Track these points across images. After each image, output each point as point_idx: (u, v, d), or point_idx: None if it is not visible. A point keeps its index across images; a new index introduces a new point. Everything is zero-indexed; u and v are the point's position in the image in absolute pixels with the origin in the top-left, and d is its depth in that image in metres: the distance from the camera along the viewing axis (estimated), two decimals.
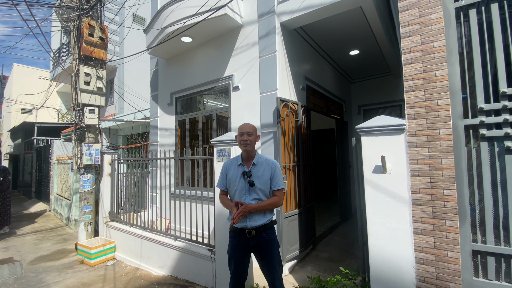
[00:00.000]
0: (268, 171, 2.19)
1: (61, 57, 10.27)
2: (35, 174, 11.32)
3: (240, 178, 2.18)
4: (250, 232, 2.13)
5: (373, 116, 2.52)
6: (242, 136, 2.20)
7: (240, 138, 2.21)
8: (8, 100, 16.09)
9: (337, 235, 5.22)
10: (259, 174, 2.17)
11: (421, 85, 2.21)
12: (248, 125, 2.24)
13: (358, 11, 3.85)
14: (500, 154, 1.97)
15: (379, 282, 2.29)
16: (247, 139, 2.18)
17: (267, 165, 2.21)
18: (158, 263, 3.87)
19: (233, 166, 2.26)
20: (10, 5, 4.60)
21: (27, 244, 5.44)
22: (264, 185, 2.17)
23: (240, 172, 2.20)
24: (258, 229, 2.14)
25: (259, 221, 2.15)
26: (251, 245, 2.17)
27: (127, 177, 4.99)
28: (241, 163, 2.23)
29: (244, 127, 2.23)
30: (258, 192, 2.16)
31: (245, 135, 2.19)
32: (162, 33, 4.62)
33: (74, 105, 5.02)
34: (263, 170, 2.19)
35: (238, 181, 2.19)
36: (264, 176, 2.17)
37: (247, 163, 2.23)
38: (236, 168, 2.24)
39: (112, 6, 9.67)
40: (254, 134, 2.22)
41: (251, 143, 2.20)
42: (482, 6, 2.08)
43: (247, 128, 2.21)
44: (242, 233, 2.16)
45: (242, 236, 2.17)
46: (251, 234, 2.14)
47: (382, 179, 2.31)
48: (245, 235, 2.15)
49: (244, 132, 2.20)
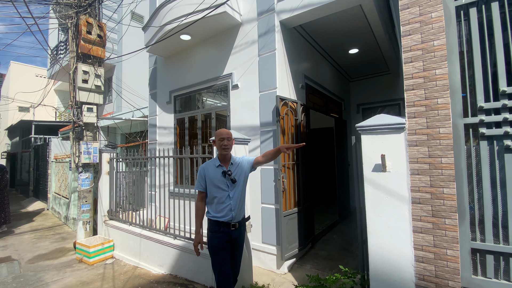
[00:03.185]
0: (245, 162, 2.50)
1: (58, 55, 10.20)
2: (33, 172, 11.26)
3: (221, 177, 2.37)
4: (234, 225, 2.35)
5: (372, 115, 2.52)
6: (222, 141, 2.40)
7: (221, 143, 2.40)
8: (5, 98, 15.98)
9: (336, 234, 5.23)
10: (238, 170, 2.44)
11: (421, 83, 2.20)
12: (225, 130, 2.47)
13: (357, 10, 3.84)
14: (499, 152, 1.97)
15: (379, 280, 2.29)
16: (227, 144, 2.40)
17: (241, 161, 2.51)
18: (157, 262, 3.87)
19: (211, 168, 2.42)
20: (8, 2, 4.55)
21: (25, 243, 5.42)
22: (244, 178, 2.47)
23: (220, 172, 2.38)
24: (240, 222, 2.41)
25: (241, 214, 2.46)
26: (233, 237, 2.37)
27: (126, 175, 4.97)
28: (220, 164, 2.41)
29: (222, 132, 2.43)
30: (238, 187, 2.41)
31: (225, 140, 2.40)
32: (160, 31, 4.59)
33: (72, 103, 4.98)
34: (239, 165, 2.47)
35: (219, 180, 2.37)
36: (243, 169, 2.47)
37: (224, 163, 2.44)
38: (215, 169, 2.40)
39: (110, 3, 9.58)
40: (231, 139, 2.46)
41: (230, 147, 2.44)
42: (483, 5, 2.07)
43: (226, 133, 2.42)
44: (227, 226, 2.34)
45: (227, 229, 2.34)
46: (235, 227, 2.36)
47: (381, 178, 2.31)
48: (229, 227, 2.33)
49: (224, 137, 2.40)
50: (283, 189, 3.67)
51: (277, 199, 3.74)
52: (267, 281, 3.39)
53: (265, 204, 3.88)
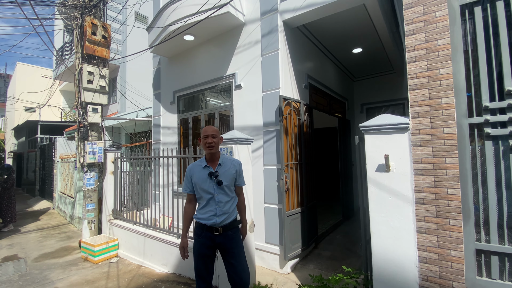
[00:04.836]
0: (234, 169, 2.31)
1: (64, 55, 10.31)
2: (38, 172, 11.40)
3: (207, 179, 2.21)
4: (217, 230, 2.19)
5: (376, 115, 2.51)
6: (206, 138, 2.22)
7: (205, 141, 2.23)
8: (11, 98, 16.19)
9: (339, 234, 5.21)
10: (225, 173, 2.25)
11: (425, 83, 2.19)
12: (211, 127, 2.28)
13: (361, 9, 3.82)
14: (504, 152, 1.95)
15: (382, 281, 2.28)
16: (212, 141, 2.21)
17: (232, 164, 2.33)
18: (161, 261, 3.90)
19: (197, 169, 2.28)
20: (14, 4, 4.62)
21: (31, 241, 5.49)
22: (230, 182, 2.28)
23: (206, 173, 2.22)
24: (225, 227, 2.22)
25: (229, 219, 2.26)
26: (217, 242, 2.22)
27: (130, 175, 5.01)
28: (206, 165, 2.26)
29: (207, 130, 2.25)
30: (225, 189, 2.24)
31: (210, 137, 2.22)
32: (164, 32, 4.62)
33: (77, 103, 5.04)
34: (228, 168, 2.29)
35: (205, 182, 2.22)
36: (230, 173, 2.28)
37: (212, 164, 2.28)
38: (201, 171, 2.25)
39: (114, 4, 9.67)
40: (217, 136, 2.27)
41: (216, 145, 2.25)
42: (488, 4, 2.05)
43: (211, 130, 2.24)
44: (209, 230, 2.21)
45: (209, 233, 2.21)
46: (218, 232, 2.20)
47: (385, 178, 2.30)
48: (212, 232, 2.20)
49: (209, 135, 2.22)
50: (286, 189, 3.67)
51: (280, 199, 3.74)
52: (270, 281, 3.39)
53: (268, 204, 3.88)
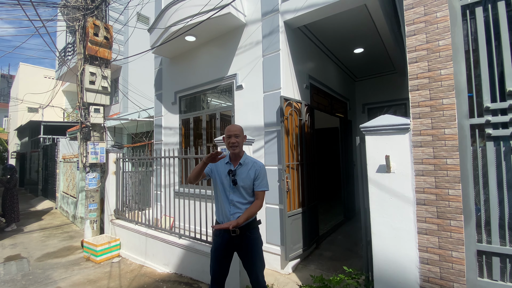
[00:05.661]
0: (253, 171, 2.22)
1: (66, 56, 10.37)
2: (41, 172, 11.47)
3: (226, 176, 2.21)
4: (234, 231, 2.14)
5: (378, 115, 2.51)
6: (230, 138, 2.20)
7: (228, 141, 2.20)
8: (14, 99, 16.29)
9: (340, 234, 5.21)
10: (243, 175, 2.19)
11: (426, 84, 2.19)
12: (235, 126, 2.23)
13: (362, 9, 3.82)
14: (506, 153, 1.94)
15: (383, 282, 2.28)
16: (235, 141, 2.18)
17: (253, 166, 2.24)
18: (163, 261, 3.91)
19: (222, 162, 2.27)
20: (16, 5, 4.65)
21: (34, 241, 5.53)
22: (248, 185, 2.20)
23: (227, 169, 2.22)
24: (242, 228, 2.16)
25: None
26: (235, 243, 2.20)
27: (132, 175, 5.03)
28: (229, 161, 2.25)
29: (231, 129, 2.21)
30: (241, 191, 2.19)
31: (233, 137, 2.19)
32: (166, 32, 4.64)
33: (80, 104, 5.07)
34: (248, 170, 2.21)
35: (224, 178, 2.22)
36: (249, 176, 2.20)
37: (234, 162, 2.26)
38: (224, 165, 2.26)
39: (116, 5, 9.70)
40: (241, 135, 2.23)
41: (239, 145, 2.21)
42: (489, 4, 2.05)
43: (234, 130, 2.20)
44: (227, 232, 2.17)
45: (227, 235, 2.19)
46: (235, 233, 2.15)
47: (386, 179, 2.30)
48: (229, 233, 2.15)
49: (232, 135, 2.19)
50: (287, 189, 3.67)
51: (281, 199, 3.74)
52: (271, 281, 3.40)
53: (269, 204, 3.89)
